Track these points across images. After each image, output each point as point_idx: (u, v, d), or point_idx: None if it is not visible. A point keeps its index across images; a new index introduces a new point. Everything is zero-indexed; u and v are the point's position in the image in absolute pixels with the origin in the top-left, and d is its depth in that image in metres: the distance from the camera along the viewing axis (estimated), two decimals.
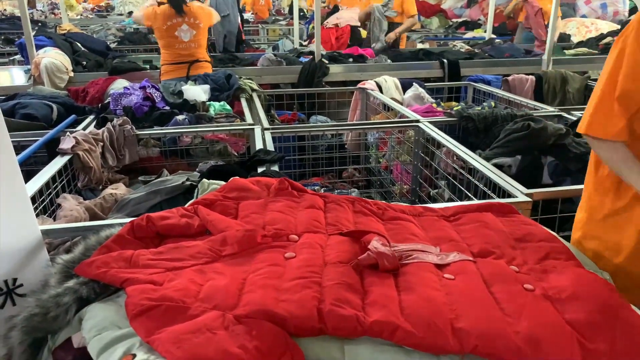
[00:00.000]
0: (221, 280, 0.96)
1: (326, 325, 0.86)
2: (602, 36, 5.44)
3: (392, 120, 2.95)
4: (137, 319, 0.86)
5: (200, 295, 0.91)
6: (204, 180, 1.33)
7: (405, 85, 3.58)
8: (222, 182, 1.37)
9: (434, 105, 3.23)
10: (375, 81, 3.54)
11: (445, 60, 4.25)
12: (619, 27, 6.01)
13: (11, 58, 5.02)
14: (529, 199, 1.67)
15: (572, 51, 4.80)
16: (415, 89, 3.44)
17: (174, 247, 1.07)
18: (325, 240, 1.14)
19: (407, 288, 0.98)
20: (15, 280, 1.27)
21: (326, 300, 0.91)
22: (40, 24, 6.78)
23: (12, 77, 4.05)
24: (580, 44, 5.45)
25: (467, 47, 5.18)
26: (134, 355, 0.78)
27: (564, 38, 6.15)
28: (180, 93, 3.00)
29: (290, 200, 1.29)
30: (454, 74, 4.22)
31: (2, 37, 6.74)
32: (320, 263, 1.04)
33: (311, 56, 4.32)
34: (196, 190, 1.32)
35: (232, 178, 1.33)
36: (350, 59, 4.34)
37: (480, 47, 5.11)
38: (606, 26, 6.25)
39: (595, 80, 3.86)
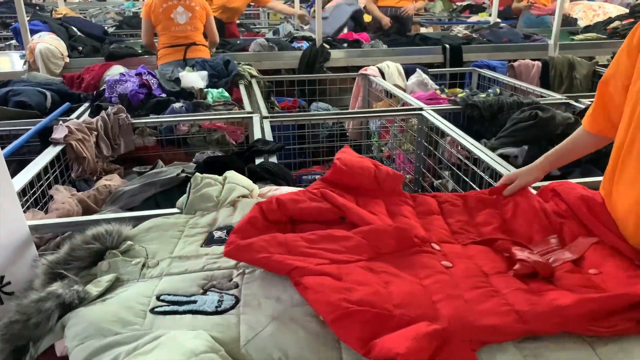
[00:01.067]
0: (401, 285, 0.92)
1: (530, 325, 0.85)
2: (610, 20, 5.31)
3: (395, 108, 2.87)
4: (339, 322, 0.82)
5: (395, 301, 0.88)
6: (197, 174, 1.27)
7: (409, 71, 3.49)
8: (217, 176, 1.31)
9: (438, 92, 3.15)
10: (377, 67, 3.46)
11: (447, 46, 4.15)
12: (627, 10, 5.88)
13: (7, 43, 4.94)
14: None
15: (581, 36, 4.69)
16: (419, 75, 3.36)
17: (325, 235, 1.02)
18: (465, 250, 1.11)
19: (573, 290, 0.96)
20: (2, 278, 1.23)
21: (517, 304, 0.89)
22: (37, 7, 6.67)
23: (12, 62, 3.98)
24: (587, 28, 5.33)
25: (465, 31, 5.06)
26: None
27: (570, 22, 6.03)
28: (177, 80, 2.92)
29: (408, 205, 1.24)
30: (456, 60, 4.12)
31: None
32: (481, 273, 1.01)
33: (304, 41, 4.21)
34: (189, 185, 1.26)
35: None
36: (345, 44, 4.23)
37: (478, 31, 4.98)
38: (614, 10, 6.12)
39: (603, 66, 3.79)
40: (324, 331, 0.83)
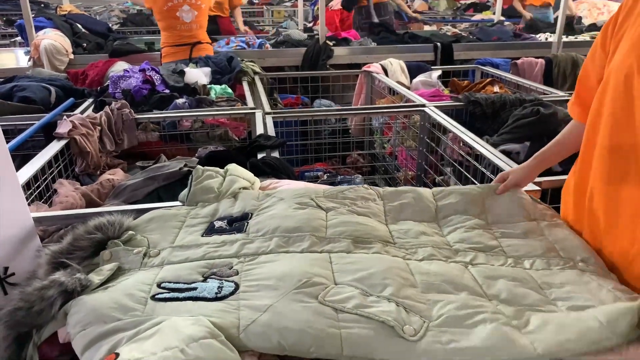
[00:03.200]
0: None
1: None
2: None
3: (397, 104, 2.88)
4: None
5: None
6: (198, 167, 1.28)
7: (411, 68, 3.50)
8: (218, 169, 1.32)
9: (445, 90, 3.16)
10: (380, 64, 3.46)
11: (438, 44, 4.15)
12: None
13: (12, 40, 4.97)
14: (538, 188, 1.61)
15: (586, 34, 4.67)
16: (429, 76, 3.33)
17: None
18: None
19: None
20: (6, 269, 1.24)
21: None
22: (42, 5, 6.70)
23: (17, 58, 4.00)
24: (591, 26, 5.31)
25: (454, 30, 5.06)
26: (117, 355, 0.74)
27: (574, 20, 6.01)
28: (181, 73, 2.93)
29: None
30: (447, 58, 4.12)
31: (4, 18, 6.68)
32: None
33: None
34: (190, 177, 1.27)
35: None
36: (333, 42, 4.23)
37: (468, 30, 4.98)
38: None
39: None
40: (322, 315, 0.84)
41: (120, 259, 1.02)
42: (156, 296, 0.90)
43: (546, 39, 4.50)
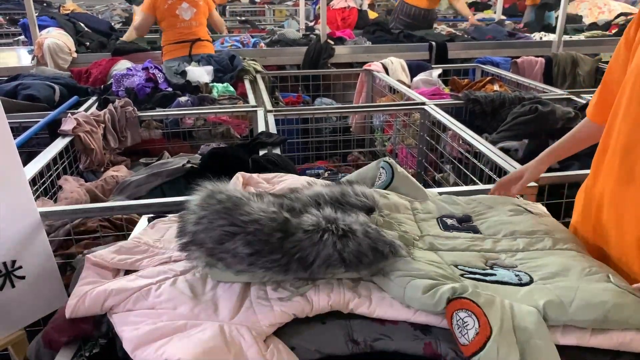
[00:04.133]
0: None
1: None
2: (616, 17, 5.32)
3: (398, 102, 2.90)
4: None
5: None
6: (391, 160, 1.28)
7: (412, 67, 3.52)
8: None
9: (445, 89, 3.18)
10: (381, 63, 3.49)
11: (433, 43, 4.17)
12: (631, 8, 5.87)
13: (15, 39, 5.00)
14: (535, 184, 1.63)
15: (586, 33, 4.69)
16: (429, 75, 3.35)
17: None
18: None
19: None
20: (14, 262, 1.27)
21: None
22: (45, 4, 6.74)
23: (18, 57, 4.03)
24: (592, 25, 5.33)
25: (449, 29, 5.09)
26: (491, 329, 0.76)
27: (575, 19, 6.02)
28: (183, 73, 2.96)
29: None
30: (442, 57, 4.14)
31: (7, 17, 6.72)
32: None
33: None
34: (381, 166, 1.26)
35: None
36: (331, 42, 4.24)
37: (462, 29, 4.99)
38: (619, 7, 6.11)
39: (607, 62, 3.78)
40: (613, 290, 0.88)
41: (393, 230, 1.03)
42: (465, 276, 0.91)
43: (540, 38, 4.52)
